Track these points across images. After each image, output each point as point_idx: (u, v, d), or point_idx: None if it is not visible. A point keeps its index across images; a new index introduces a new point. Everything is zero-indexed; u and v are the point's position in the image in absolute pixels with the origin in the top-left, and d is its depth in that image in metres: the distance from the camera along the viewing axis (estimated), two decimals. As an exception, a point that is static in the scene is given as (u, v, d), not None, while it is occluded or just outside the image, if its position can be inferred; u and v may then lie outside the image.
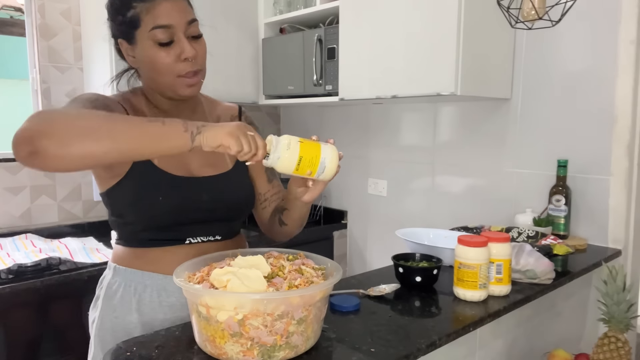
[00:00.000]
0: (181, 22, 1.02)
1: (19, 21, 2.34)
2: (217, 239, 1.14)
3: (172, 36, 1.02)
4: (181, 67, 1.03)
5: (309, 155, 0.92)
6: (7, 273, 1.75)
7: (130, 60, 1.09)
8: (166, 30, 1.01)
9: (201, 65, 1.07)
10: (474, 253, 1.13)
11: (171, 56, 1.02)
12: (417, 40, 1.85)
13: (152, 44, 1.01)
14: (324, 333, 0.93)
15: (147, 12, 1.01)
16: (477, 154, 2.13)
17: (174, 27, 1.01)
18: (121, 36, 1.06)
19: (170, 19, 1.01)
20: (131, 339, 0.92)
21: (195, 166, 1.12)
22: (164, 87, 1.07)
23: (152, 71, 1.05)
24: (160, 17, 1.00)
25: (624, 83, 1.67)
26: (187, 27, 1.03)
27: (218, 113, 1.24)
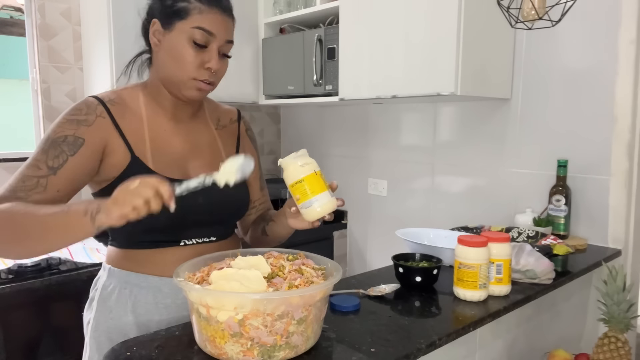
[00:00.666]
0: (222, 37, 1.06)
1: (19, 21, 2.34)
2: (212, 240, 1.13)
3: (208, 43, 1.05)
4: (200, 73, 1.05)
5: (309, 184, 0.98)
6: (7, 273, 1.75)
7: (153, 42, 1.08)
8: (206, 36, 1.04)
9: (217, 80, 1.10)
10: (474, 253, 1.13)
11: (197, 59, 1.04)
12: (417, 40, 1.85)
13: (187, 40, 1.03)
14: (324, 333, 0.93)
15: (199, 11, 1.03)
16: (477, 154, 2.13)
17: (214, 37, 1.05)
18: (159, 17, 1.06)
19: (215, 29, 1.04)
20: (131, 339, 0.92)
21: (191, 169, 1.11)
22: (174, 83, 1.07)
23: (171, 63, 1.05)
24: (209, 23, 1.04)
25: (624, 83, 1.67)
26: (224, 43, 1.07)
27: (218, 115, 1.24)
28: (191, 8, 1.03)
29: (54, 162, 0.99)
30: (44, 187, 0.98)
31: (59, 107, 2.33)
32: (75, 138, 1.01)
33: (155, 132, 1.09)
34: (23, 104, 2.34)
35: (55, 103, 2.32)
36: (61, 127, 1.02)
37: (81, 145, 1.01)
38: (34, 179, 0.98)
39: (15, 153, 2.27)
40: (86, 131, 1.02)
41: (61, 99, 2.34)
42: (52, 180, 0.98)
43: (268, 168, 3.08)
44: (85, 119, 1.03)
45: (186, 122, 1.15)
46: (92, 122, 1.03)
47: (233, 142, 1.24)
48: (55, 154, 0.99)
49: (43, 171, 0.98)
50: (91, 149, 1.02)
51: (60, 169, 0.99)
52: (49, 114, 2.31)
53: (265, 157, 3.09)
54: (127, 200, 0.84)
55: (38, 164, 0.98)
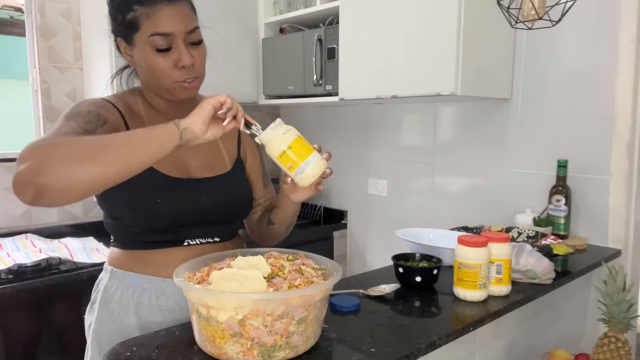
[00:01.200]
0: (181, 30, 1.01)
1: (19, 21, 2.34)
2: (215, 240, 1.13)
3: (171, 43, 1.01)
4: (178, 74, 1.03)
5: (297, 150, 0.94)
6: (7, 273, 1.75)
7: (128, 59, 1.08)
8: (165, 38, 1.00)
9: (198, 72, 1.06)
10: (474, 253, 1.13)
11: (168, 62, 1.01)
12: (417, 40, 1.85)
13: (150, 49, 1.00)
14: (324, 333, 0.93)
15: (147, 17, 0.99)
16: (477, 154, 2.13)
17: (174, 35, 1.00)
18: (120, 35, 1.06)
19: (170, 27, 0.99)
20: (131, 339, 0.92)
21: (193, 168, 1.11)
22: (161, 90, 1.07)
23: (148, 74, 1.05)
24: (160, 24, 0.99)
25: (624, 83, 1.67)
26: (186, 35, 1.02)
27: None
28: (138, 16, 1.00)
29: (87, 126, 0.94)
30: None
31: (59, 107, 2.33)
32: (98, 114, 0.99)
33: None
34: (23, 104, 2.34)
35: (55, 103, 2.32)
36: (81, 105, 1.00)
37: (105, 122, 0.99)
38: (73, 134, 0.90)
39: (15, 153, 2.27)
40: (106, 113, 1.02)
41: (61, 99, 2.34)
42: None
43: (268, 168, 3.07)
44: (103, 104, 1.04)
45: None
46: (108, 110, 1.04)
47: (234, 140, 1.22)
48: (85, 121, 0.95)
49: (78, 130, 0.92)
50: (111, 129, 1.00)
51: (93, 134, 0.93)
52: (49, 114, 2.31)
53: (265, 157, 3.09)
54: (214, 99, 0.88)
55: (71, 125, 0.92)
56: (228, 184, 1.14)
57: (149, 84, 1.08)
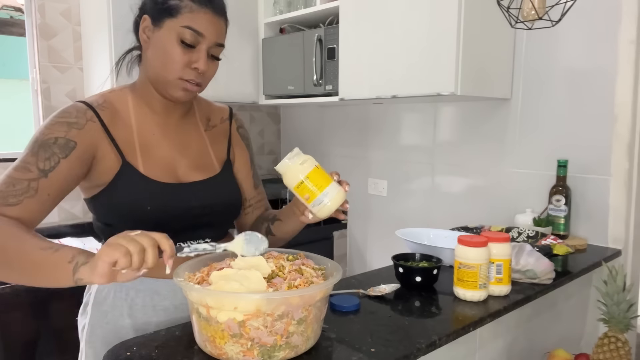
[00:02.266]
0: (212, 38, 1.04)
1: (19, 21, 2.34)
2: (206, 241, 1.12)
3: (197, 44, 1.02)
4: (187, 72, 1.03)
5: (315, 180, 0.93)
6: None
7: (143, 38, 1.06)
8: (196, 36, 1.02)
9: (204, 82, 1.07)
10: (474, 253, 1.13)
11: (185, 58, 1.02)
12: (417, 40, 1.85)
13: (175, 38, 1.01)
14: (324, 333, 0.93)
15: (190, 10, 1.01)
16: (477, 154, 2.13)
17: (204, 38, 1.02)
18: (150, 13, 1.04)
19: (205, 30, 1.02)
20: (131, 339, 0.92)
21: (182, 171, 1.10)
22: (160, 82, 1.05)
23: (159, 61, 1.03)
24: (199, 23, 1.02)
25: (624, 83, 1.67)
26: (213, 45, 1.05)
27: (209, 114, 1.22)
28: (182, 6, 1.01)
29: (45, 164, 0.94)
30: (35, 191, 0.93)
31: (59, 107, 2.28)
32: (66, 140, 0.98)
33: (144, 136, 1.08)
34: (23, 104, 2.34)
35: (55, 103, 2.32)
36: (51, 129, 0.98)
37: (73, 148, 0.98)
38: (24, 182, 0.93)
39: (15, 153, 2.27)
40: (77, 134, 0.99)
41: (61, 99, 2.34)
42: (43, 183, 0.94)
43: (268, 168, 3.08)
44: (75, 121, 1.00)
45: (175, 125, 1.13)
46: (83, 126, 1.01)
47: (224, 141, 1.21)
48: (46, 156, 0.95)
49: (34, 174, 0.93)
50: (83, 153, 0.99)
51: (52, 172, 0.95)
52: (48, 114, 2.29)
53: (265, 157, 3.09)
54: (121, 244, 0.78)
55: (28, 167, 0.94)
56: (217, 187, 1.13)
57: (152, 71, 1.06)
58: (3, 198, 0.91)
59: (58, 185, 0.96)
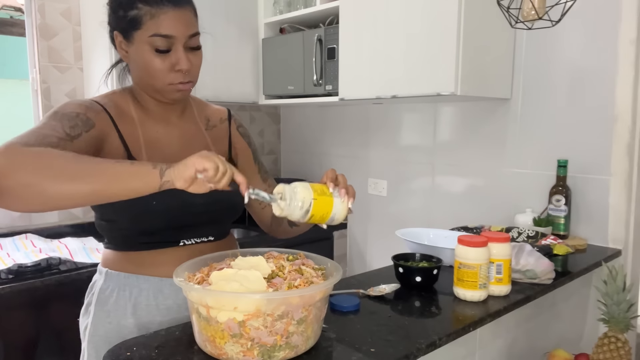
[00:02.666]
0: (183, 34, 1.01)
1: (19, 21, 2.34)
2: (210, 239, 1.13)
3: (171, 46, 1.01)
4: (173, 77, 1.03)
5: (319, 213, 0.94)
6: (7, 273, 1.75)
7: (122, 54, 1.07)
8: (166, 40, 1.00)
9: (193, 77, 1.06)
10: (474, 253, 1.13)
11: (165, 64, 1.01)
12: (417, 40, 1.85)
13: (149, 49, 1.00)
14: (324, 333, 0.93)
15: (151, 17, 0.99)
16: (477, 154, 2.13)
17: (175, 38, 1.01)
18: (118, 30, 1.05)
19: (172, 30, 1.00)
20: (131, 339, 0.92)
21: None
22: (153, 90, 1.06)
23: (143, 73, 1.04)
24: (163, 26, 0.99)
25: (624, 83, 1.67)
26: (187, 39, 1.02)
27: (207, 115, 1.22)
28: (142, 15, 0.99)
29: (70, 130, 0.93)
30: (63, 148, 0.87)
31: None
32: (87, 118, 0.98)
33: (148, 135, 1.09)
34: (23, 104, 2.34)
35: (55, 103, 2.32)
36: (70, 106, 0.98)
37: (92, 126, 0.98)
38: (53, 137, 0.88)
39: (15, 153, 2.27)
40: (95, 116, 1.01)
41: (61, 99, 2.34)
42: (70, 146, 0.90)
43: (268, 168, 3.06)
44: (91, 106, 1.02)
45: (176, 124, 1.14)
46: (98, 112, 1.02)
47: (225, 142, 1.22)
48: (70, 125, 0.94)
49: (61, 134, 0.90)
50: (99, 134, 0.99)
51: (77, 140, 0.93)
52: (49, 114, 2.31)
53: (265, 157, 3.09)
54: (200, 162, 0.82)
55: (55, 127, 0.91)
56: None
57: (140, 82, 1.08)
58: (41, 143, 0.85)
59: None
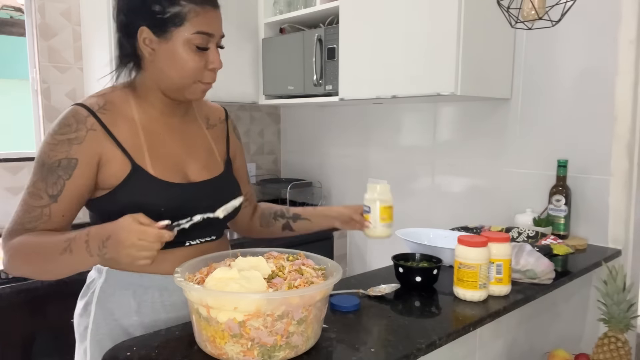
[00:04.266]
0: (219, 34, 1.06)
1: (19, 21, 2.34)
2: (212, 239, 1.14)
3: (209, 44, 1.04)
4: (205, 75, 1.05)
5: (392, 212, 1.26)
6: (6, 273, 1.75)
7: (147, 50, 1.03)
8: (207, 38, 1.03)
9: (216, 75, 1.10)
10: (474, 253, 1.13)
11: (201, 62, 1.03)
12: (417, 40, 1.85)
13: (188, 46, 1.01)
14: (324, 333, 0.93)
15: (195, 14, 1.01)
16: (477, 154, 2.13)
17: (214, 37, 1.04)
18: (150, 26, 1.01)
19: (214, 28, 1.04)
20: (131, 339, 0.92)
21: (191, 171, 1.10)
22: (175, 88, 1.05)
23: (173, 71, 1.02)
24: (207, 24, 1.02)
25: (624, 83, 1.67)
26: (219, 39, 1.07)
27: (206, 114, 1.24)
28: (186, 12, 1.00)
29: (52, 189, 0.99)
30: (48, 216, 1.00)
31: (59, 107, 2.33)
32: (68, 160, 0.99)
33: (150, 136, 1.07)
34: (23, 104, 2.34)
35: (55, 103, 2.32)
36: (54, 151, 1.00)
37: (75, 166, 0.99)
38: (37, 209, 1.00)
39: (15, 153, 2.27)
40: (78, 150, 0.99)
41: (61, 99, 2.34)
42: (54, 207, 1.00)
43: (269, 168, 3.08)
44: (75, 136, 1.00)
45: (179, 123, 1.14)
46: (84, 139, 1.00)
47: (223, 141, 1.24)
48: (52, 181, 0.99)
49: (44, 200, 0.99)
50: (85, 167, 1.00)
51: (60, 195, 0.99)
52: (49, 114, 2.31)
53: (265, 157, 3.09)
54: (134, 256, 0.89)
55: (40, 193, 1.00)
56: (225, 185, 1.16)
57: (165, 80, 1.05)
58: (21, 224, 1.00)
59: (69, 205, 1.01)
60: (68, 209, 1.01)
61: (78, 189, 1.01)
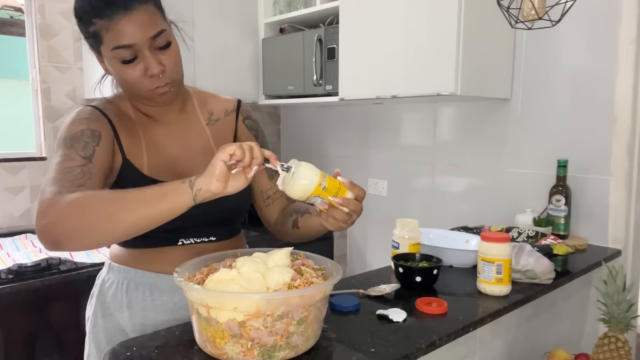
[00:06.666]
0: (144, 38, 0.94)
1: (19, 21, 2.34)
2: (211, 239, 1.11)
3: (136, 53, 0.95)
4: (148, 83, 0.98)
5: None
6: (7, 273, 1.75)
7: (103, 67, 1.06)
8: (129, 49, 0.94)
9: (171, 77, 1.01)
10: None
11: (137, 72, 0.97)
12: (417, 40, 1.85)
13: (116, 62, 0.97)
14: (324, 333, 0.93)
15: (106, 30, 0.93)
16: (477, 154, 2.13)
17: (137, 45, 0.94)
18: (89, 46, 1.02)
19: (131, 38, 0.93)
20: (131, 339, 0.92)
21: (184, 170, 1.08)
22: (136, 98, 1.06)
23: (122, 84, 1.04)
24: (121, 36, 0.93)
25: (624, 83, 1.67)
26: (151, 41, 0.96)
27: (211, 108, 1.17)
28: (99, 30, 0.94)
29: (84, 151, 0.95)
30: (89, 174, 0.93)
31: (59, 107, 2.33)
32: (92, 131, 0.99)
33: (149, 137, 1.08)
34: (23, 104, 2.34)
35: (55, 103, 2.32)
36: (73, 126, 0.99)
37: (100, 137, 0.99)
38: (76, 168, 0.93)
39: (15, 153, 2.27)
40: (97, 125, 1.01)
41: (61, 99, 2.34)
42: (91, 168, 0.94)
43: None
44: (91, 116, 1.02)
45: (175, 123, 1.11)
46: (98, 119, 1.02)
47: (229, 136, 1.16)
48: (81, 146, 0.96)
49: (79, 161, 0.94)
50: (108, 140, 1.01)
51: (93, 157, 0.96)
52: (49, 114, 2.31)
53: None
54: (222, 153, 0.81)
55: (71, 156, 0.94)
56: None
57: (126, 92, 1.07)
58: (70, 182, 0.90)
59: (102, 169, 0.97)
60: (101, 173, 0.96)
61: (106, 158, 0.98)
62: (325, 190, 0.89)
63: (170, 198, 0.83)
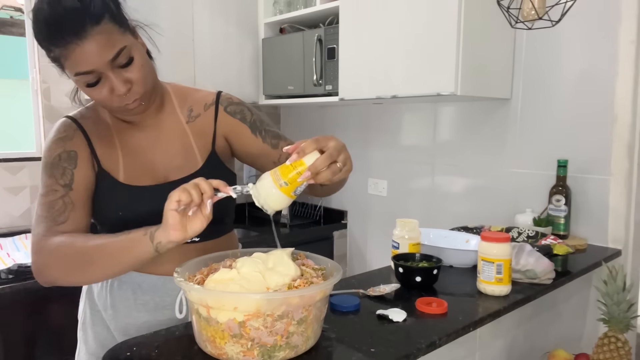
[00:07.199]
0: (102, 62, 0.91)
1: (19, 21, 2.34)
2: (194, 240, 1.06)
3: (99, 75, 0.93)
4: (117, 101, 0.97)
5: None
6: (7, 273, 1.75)
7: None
8: (90, 74, 0.92)
9: (139, 92, 0.98)
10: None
11: (104, 93, 0.95)
12: (417, 40, 1.85)
13: (82, 84, 0.95)
14: (324, 333, 0.93)
15: (65, 58, 0.91)
16: (477, 154, 2.13)
17: (98, 69, 0.91)
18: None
19: (90, 65, 0.90)
20: (131, 339, 0.92)
21: (163, 171, 1.07)
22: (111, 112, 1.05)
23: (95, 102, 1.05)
24: (79, 64, 0.90)
25: (624, 83, 1.67)
26: (112, 62, 0.92)
27: (190, 104, 1.13)
28: (58, 57, 0.91)
29: (63, 179, 0.99)
30: (72, 204, 0.99)
31: (59, 107, 2.33)
32: (67, 153, 1.02)
33: (126, 142, 1.07)
34: (23, 104, 2.34)
35: (55, 103, 2.32)
36: (50, 151, 1.02)
37: (76, 157, 1.02)
38: (59, 201, 0.98)
39: (15, 153, 2.27)
40: (72, 144, 1.03)
41: (61, 99, 2.34)
42: (73, 195, 0.99)
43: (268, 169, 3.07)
44: (65, 135, 1.04)
45: (153, 125, 1.09)
46: (73, 136, 1.04)
47: (209, 131, 1.12)
48: (60, 173, 1.00)
49: (60, 192, 0.99)
50: (85, 158, 1.03)
51: (73, 183, 1.00)
52: (49, 114, 2.31)
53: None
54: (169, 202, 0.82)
55: (53, 187, 0.99)
56: None
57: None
58: (52, 220, 0.97)
59: (85, 192, 1.01)
60: (84, 196, 1.01)
61: (87, 178, 1.02)
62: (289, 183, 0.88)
63: (133, 253, 0.89)
